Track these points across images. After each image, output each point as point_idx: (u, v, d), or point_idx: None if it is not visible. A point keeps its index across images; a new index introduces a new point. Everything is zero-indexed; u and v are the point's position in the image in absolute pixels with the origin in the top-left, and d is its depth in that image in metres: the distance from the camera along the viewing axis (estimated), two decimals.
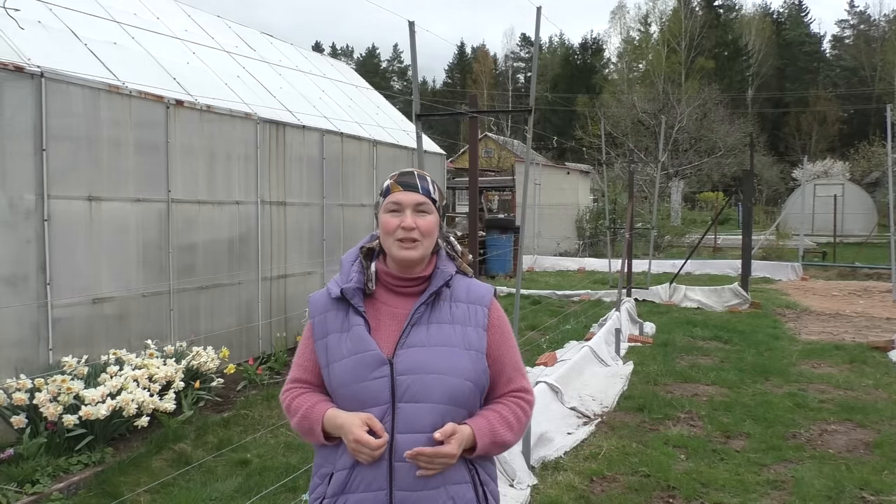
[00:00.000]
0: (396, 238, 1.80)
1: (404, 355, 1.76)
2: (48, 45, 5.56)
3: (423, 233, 1.80)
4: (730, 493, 4.32)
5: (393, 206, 1.81)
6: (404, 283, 1.85)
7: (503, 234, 15.49)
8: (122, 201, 5.84)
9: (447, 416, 1.74)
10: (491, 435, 1.78)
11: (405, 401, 1.73)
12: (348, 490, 1.75)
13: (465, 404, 1.78)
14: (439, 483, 1.74)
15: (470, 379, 1.77)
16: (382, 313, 1.83)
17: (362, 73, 19.94)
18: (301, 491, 4.14)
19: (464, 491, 1.78)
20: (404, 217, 1.79)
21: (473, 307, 1.85)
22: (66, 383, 4.65)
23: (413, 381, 1.73)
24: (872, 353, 8.05)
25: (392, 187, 1.83)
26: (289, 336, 7.81)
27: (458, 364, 1.76)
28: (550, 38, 67.88)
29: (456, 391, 1.75)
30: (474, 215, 4.90)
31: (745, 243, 11.63)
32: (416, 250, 1.80)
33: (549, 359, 7.01)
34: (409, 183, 1.83)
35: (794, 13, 65.74)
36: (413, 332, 1.78)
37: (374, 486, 1.73)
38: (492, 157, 36.71)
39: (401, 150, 10.27)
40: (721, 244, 22.47)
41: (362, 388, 1.74)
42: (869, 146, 36.81)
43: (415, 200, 1.81)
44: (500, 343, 1.86)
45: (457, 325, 1.81)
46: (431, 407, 1.73)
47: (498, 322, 1.88)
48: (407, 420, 1.72)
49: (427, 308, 1.82)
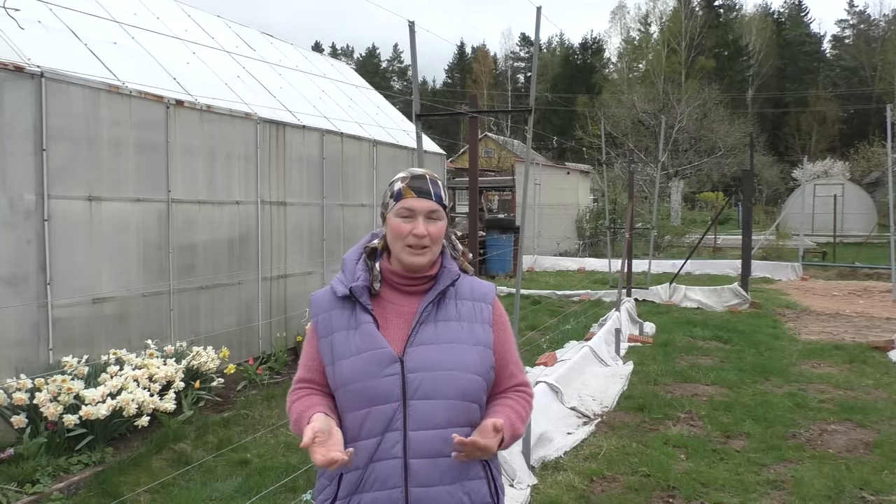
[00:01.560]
0: (407, 244, 1.80)
1: (414, 353, 1.77)
2: (48, 45, 5.56)
3: (434, 239, 1.82)
4: (730, 493, 4.32)
5: (405, 213, 1.80)
6: (410, 281, 1.86)
7: (503, 234, 15.50)
8: (123, 201, 5.84)
9: (459, 411, 1.76)
10: (511, 429, 1.80)
11: (417, 398, 1.74)
12: (362, 489, 1.75)
13: (476, 399, 1.81)
14: (456, 479, 1.76)
15: (479, 374, 1.80)
16: (389, 312, 1.85)
17: (362, 73, 19.94)
18: (301, 491, 4.14)
19: (479, 486, 1.80)
20: (416, 224, 1.79)
21: (478, 304, 1.88)
22: (66, 383, 4.65)
23: (424, 378, 1.75)
24: (872, 353, 8.05)
25: (405, 192, 1.81)
26: (289, 336, 7.81)
27: (467, 360, 1.79)
28: (550, 39, 67.96)
29: (467, 387, 1.77)
30: (474, 215, 4.91)
31: (745, 243, 11.63)
32: (425, 256, 1.81)
33: (549, 359, 7.01)
34: (423, 189, 1.82)
35: (794, 13, 65.74)
36: (422, 329, 1.80)
37: (388, 484, 1.73)
38: (492, 157, 36.72)
39: (401, 150, 10.27)
40: (721, 244, 22.46)
41: (373, 385, 1.75)
42: (869, 146, 36.81)
43: (428, 208, 1.81)
44: (503, 339, 1.90)
45: (464, 322, 1.83)
46: (444, 403, 1.75)
47: (500, 319, 1.92)
48: (420, 417, 1.73)
49: (434, 306, 1.83)
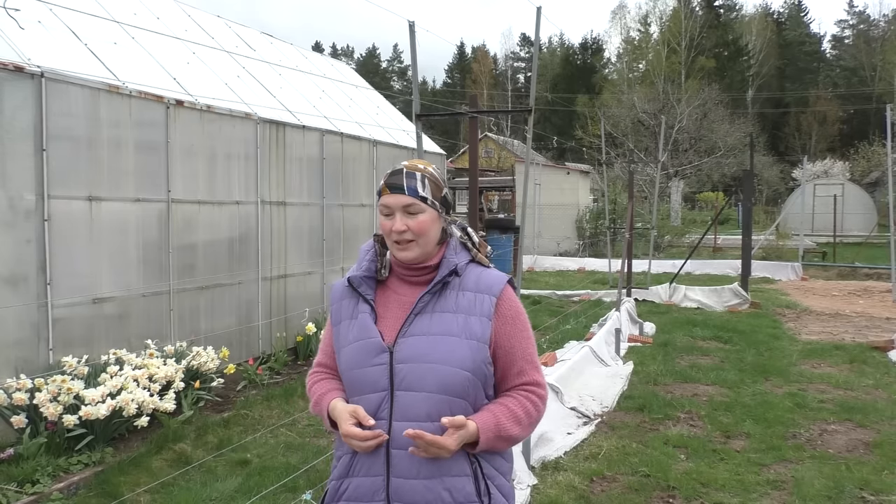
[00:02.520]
0: (392, 240, 1.83)
1: (404, 343, 1.78)
2: (48, 45, 5.56)
3: (417, 233, 1.81)
4: (730, 493, 4.32)
5: (384, 210, 1.84)
6: (413, 272, 1.87)
7: (503, 234, 15.50)
8: (122, 201, 5.84)
9: (442, 405, 1.74)
10: (496, 429, 1.76)
11: (402, 389, 1.75)
12: (351, 474, 1.82)
13: (462, 394, 1.76)
14: (436, 473, 1.74)
15: (467, 368, 1.75)
16: (391, 301, 1.87)
17: (362, 73, 19.94)
18: (301, 491, 4.14)
19: (462, 483, 1.76)
20: (395, 220, 1.81)
21: (480, 296, 1.83)
22: (66, 383, 4.65)
23: (410, 369, 1.75)
24: (872, 353, 8.05)
25: (382, 189, 1.85)
26: (289, 336, 7.81)
27: (454, 354, 1.75)
28: (550, 39, 67.97)
29: (449, 381, 1.74)
30: (474, 215, 4.90)
31: (745, 243, 11.63)
32: (411, 251, 1.82)
33: (549, 359, 7.01)
34: (396, 185, 1.82)
35: (794, 13, 65.77)
36: (416, 320, 1.80)
37: (372, 472, 1.77)
38: (492, 157, 36.73)
39: (401, 150, 10.26)
40: (721, 244, 22.45)
41: (363, 373, 1.79)
42: (869, 146, 36.84)
43: (402, 203, 1.81)
44: (510, 333, 1.83)
45: (459, 315, 1.80)
46: (426, 396, 1.74)
47: (509, 312, 1.85)
48: (403, 408, 1.75)
49: (433, 297, 1.83)
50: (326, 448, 4.96)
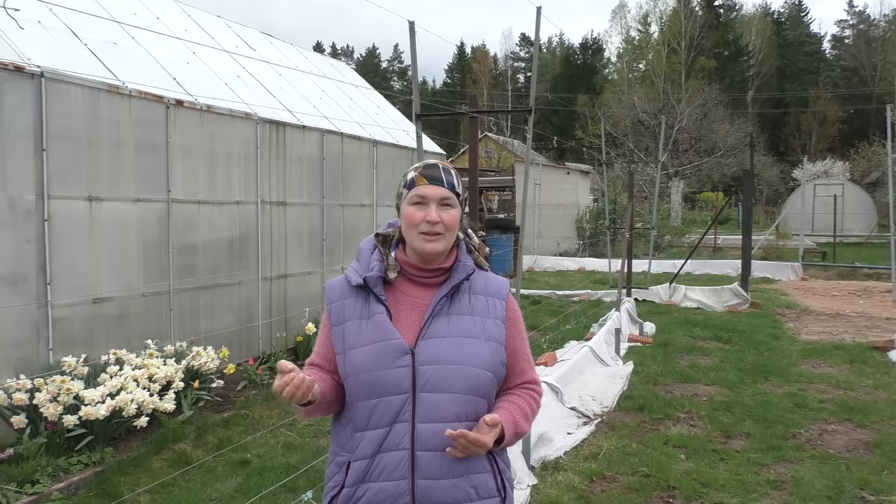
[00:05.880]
0: (420, 231, 1.81)
1: (426, 345, 1.77)
2: (48, 45, 5.56)
3: (447, 226, 1.82)
4: (730, 493, 4.32)
5: (418, 199, 1.82)
6: (424, 273, 1.87)
7: (503, 234, 15.51)
8: (122, 201, 5.84)
9: (468, 405, 1.77)
10: (514, 426, 1.82)
11: (427, 390, 1.75)
12: (369, 479, 1.76)
13: (485, 394, 1.81)
14: (462, 472, 1.76)
15: (489, 369, 1.80)
16: (402, 303, 1.85)
17: (362, 73, 19.93)
18: (301, 491, 4.14)
19: (485, 480, 1.81)
20: (429, 211, 1.80)
21: (492, 300, 1.88)
22: (65, 383, 4.65)
23: (435, 371, 1.75)
24: (872, 353, 8.05)
25: (417, 180, 1.83)
26: (289, 336, 7.81)
27: (478, 355, 1.79)
28: (550, 39, 67.96)
29: (477, 382, 1.78)
30: (474, 215, 4.90)
31: (745, 243, 11.63)
32: (439, 243, 1.81)
33: (549, 359, 7.01)
34: (435, 176, 1.83)
35: (794, 13, 65.74)
36: (434, 322, 1.80)
37: (395, 475, 1.74)
38: (492, 157, 36.69)
39: (401, 150, 10.26)
40: (721, 244, 22.46)
41: (383, 375, 1.76)
42: (869, 146, 36.85)
43: (440, 195, 1.81)
44: (514, 335, 1.90)
45: (476, 317, 1.83)
46: (453, 397, 1.75)
47: (513, 315, 1.92)
48: (428, 410, 1.74)
49: (447, 300, 1.83)
50: (326, 448, 4.96)
